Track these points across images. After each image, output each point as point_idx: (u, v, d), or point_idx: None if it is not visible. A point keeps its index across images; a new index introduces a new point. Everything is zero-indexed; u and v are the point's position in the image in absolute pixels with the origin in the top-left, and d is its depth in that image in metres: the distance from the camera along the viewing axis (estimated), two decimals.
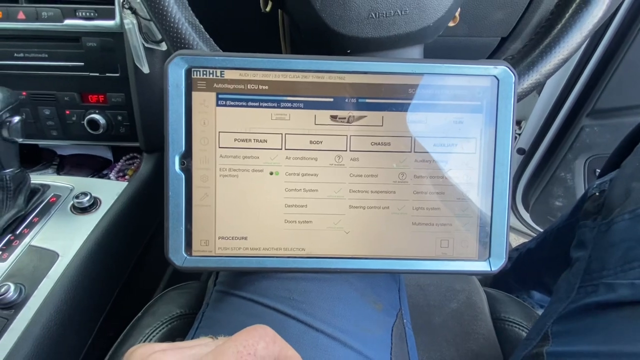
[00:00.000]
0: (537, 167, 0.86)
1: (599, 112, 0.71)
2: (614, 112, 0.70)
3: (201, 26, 0.29)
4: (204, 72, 0.25)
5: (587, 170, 0.78)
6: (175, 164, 0.25)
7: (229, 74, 0.25)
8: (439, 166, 0.26)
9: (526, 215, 0.94)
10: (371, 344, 0.28)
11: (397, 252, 0.26)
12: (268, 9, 0.40)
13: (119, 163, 0.61)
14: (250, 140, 0.25)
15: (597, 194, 0.34)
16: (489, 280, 0.73)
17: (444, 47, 0.50)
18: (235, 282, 0.31)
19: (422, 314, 0.42)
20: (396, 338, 0.30)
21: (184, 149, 0.25)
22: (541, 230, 0.87)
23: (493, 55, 0.54)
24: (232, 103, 0.25)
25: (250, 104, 0.25)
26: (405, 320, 0.32)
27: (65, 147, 0.62)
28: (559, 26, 0.27)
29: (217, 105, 0.25)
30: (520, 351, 0.31)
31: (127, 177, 0.59)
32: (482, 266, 0.26)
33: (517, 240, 1.00)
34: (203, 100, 0.25)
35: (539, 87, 0.29)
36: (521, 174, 0.90)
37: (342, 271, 0.27)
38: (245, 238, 0.26)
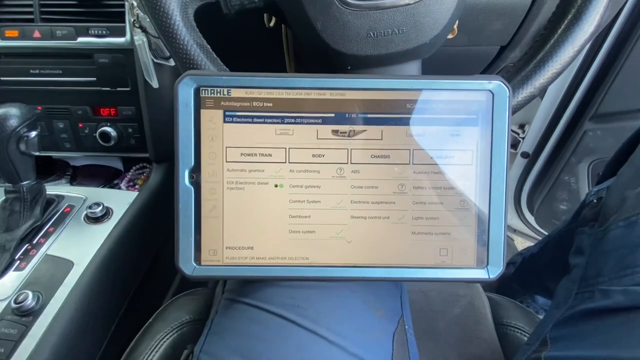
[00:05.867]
0: (541, 171, 0.86)
1: (602, 116, 0.71)
2: (616, 115, 0.70)
3: (208, 46, 0.30)
4: (212, 91, 0.26)
5: (591, 173, 0.77)
6: (185, 178, 0.26)
7: (236, 92, 0.26)
8: (437, 177, 0.27)
9: (531, 219, 0.93)
10: (372, 350, 0.29)
11: (398, 261, 0.27)
12: (272, 24, 0.41)
13: (130, 173, 0.63)
14: (255, 154, 0.26)
15: (594, 201, 0.34)
16: (494, 285, 0.73)
17: (444, 56, 0.51)
18: (242, 289, 0.32)
19: (425, 319, 0.43)
20: (397, 344, 0.30)
21: (193, 163, 0.26)
22: (546, 233, 0.86)
23: (493, 63, 0.54)
24: (238, 120, 0.26)
25: (255, 120, 0.26)
26: (407, 327, 0.33)
27: (78, 158, 0.64)
28: (552, 41, 0.28)
29: (225, 122, 0.26)
30: (520, 356, 0.32)
31: (137, 186, 0.61)
32: (480, 274, 0.27)
33: (522, 244, 0.99)
34: (211, 117, 0.26)
35: (533, 99, 0.30)
36: (525, 177, 0.90)
37: (344, 279, 0.28)
38: (252, 248, 0.27)
